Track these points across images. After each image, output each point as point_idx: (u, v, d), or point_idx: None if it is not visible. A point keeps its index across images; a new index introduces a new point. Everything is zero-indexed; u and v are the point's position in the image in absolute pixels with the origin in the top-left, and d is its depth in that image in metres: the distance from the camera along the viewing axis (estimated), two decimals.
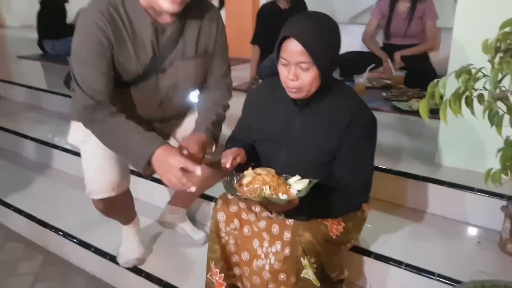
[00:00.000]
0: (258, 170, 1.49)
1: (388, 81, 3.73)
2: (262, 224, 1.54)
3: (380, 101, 3.30)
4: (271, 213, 1.55)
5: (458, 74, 1.05)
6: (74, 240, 2.19)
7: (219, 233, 1.59)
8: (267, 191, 1.42)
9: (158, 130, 1.78)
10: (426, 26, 3.79)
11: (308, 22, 1.42)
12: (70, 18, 5.45)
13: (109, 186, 1.70)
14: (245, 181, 1.47)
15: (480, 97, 1.05)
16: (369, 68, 3.57)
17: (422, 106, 1.09)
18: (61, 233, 2.25)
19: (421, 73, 3.58)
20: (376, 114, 1.56)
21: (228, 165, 1.49)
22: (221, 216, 1.59)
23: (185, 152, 1.57)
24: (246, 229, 1.58)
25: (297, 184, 1.46)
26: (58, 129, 3.18)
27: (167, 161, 1.48)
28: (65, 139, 2.90)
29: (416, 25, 3.81)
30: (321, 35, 1.40)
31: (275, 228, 1.52)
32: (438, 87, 1.06)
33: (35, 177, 2.91)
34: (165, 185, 1.57)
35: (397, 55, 3.83)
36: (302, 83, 1.44)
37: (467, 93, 1.04)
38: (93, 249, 2.11)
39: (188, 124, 1.83)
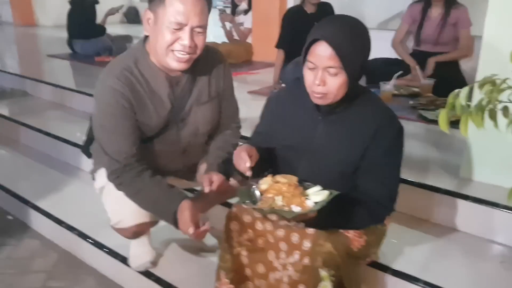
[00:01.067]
0: (278, 177, 1.43)
1: (416, 89, 3.62)
2: (280, 232, 1.47)
3: (406, 109, 3.21)
4: (289, 221, 1.47)
5: (481, 85, 0.98)
6: (88, 239, 2.19)
7: (232, 242, 1.53)
8: (279, 202, 1.36)
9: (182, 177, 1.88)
10: (459, 34, 3.65)
11: (339, 26, 1.37)
12: (99, 19, 5.55)
13: (140, 213, 1.71)
14: (261, 188, 1.41)
15: (505, 110, 0.98)
16: (396, 75, 3.48)
17: (441, 117, 1.02)
18: (75, 232, 2.25)
19: (450, 81, 3.44)
20: (402, 122, 1.49)
21: (249, 173, 1.42)
22: (234, 226, 1.53)
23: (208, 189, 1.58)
24: (260, 241, 1.51)
25: (316, 196, 1.38)
26: (82, 128, 3.19)
27: (183, 215, 1.52)
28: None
29: (448, 32, 3.67)
30: (353, 39, 1.35)
31: (295, 237, 1.44)
32: (459, 98, 0.99)
33: (56, 175, 2.93)
34: None
35: (432, 60, 3.68)
36: (328, 89, 1.38)
37: (490, 105, 0.97)
38: (105, 250, 2.10)
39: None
